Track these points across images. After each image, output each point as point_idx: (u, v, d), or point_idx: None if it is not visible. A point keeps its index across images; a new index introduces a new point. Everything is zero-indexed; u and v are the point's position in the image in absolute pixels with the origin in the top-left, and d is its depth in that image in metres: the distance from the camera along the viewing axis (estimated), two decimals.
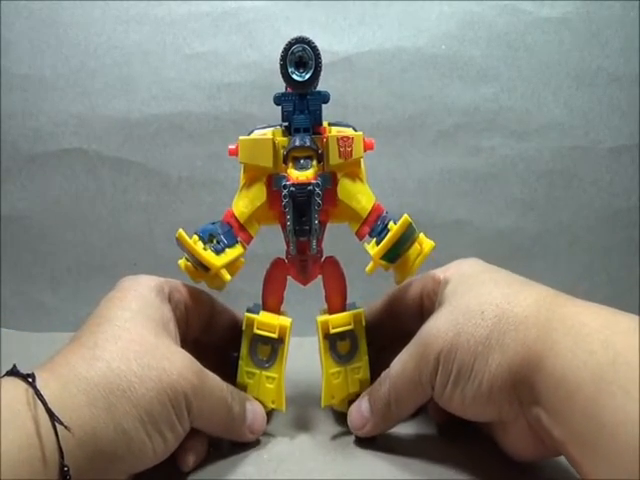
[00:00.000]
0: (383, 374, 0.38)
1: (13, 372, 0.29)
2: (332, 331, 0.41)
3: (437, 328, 0.35)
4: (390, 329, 0.43)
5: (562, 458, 0.32)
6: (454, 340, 0.33)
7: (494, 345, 0.32)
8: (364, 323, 0.42)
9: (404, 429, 0.42)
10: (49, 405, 0.27)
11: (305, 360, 0.44)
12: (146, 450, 0.31)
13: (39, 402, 0.27)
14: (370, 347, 0.42)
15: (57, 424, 0.27)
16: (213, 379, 0.36)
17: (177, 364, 0.33)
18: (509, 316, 0.32)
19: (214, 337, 0.43)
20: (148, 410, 0.31)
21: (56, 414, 0.27)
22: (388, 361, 0.38)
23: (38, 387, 0.28)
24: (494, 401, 0.33)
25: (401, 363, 0.37)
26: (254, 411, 0.39)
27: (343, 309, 0.42)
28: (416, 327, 0.37)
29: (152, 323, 0.35)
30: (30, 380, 0.28)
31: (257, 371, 0.41)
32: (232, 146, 0.39)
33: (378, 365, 0.40)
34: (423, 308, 0.40)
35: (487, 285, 0.35)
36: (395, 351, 0.38)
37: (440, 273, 0.39)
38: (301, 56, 0.37)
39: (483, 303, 0.34)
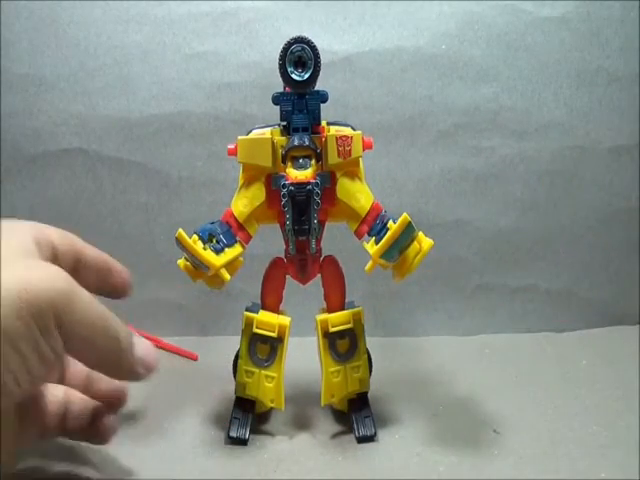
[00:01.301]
0: None
1: None
2: (331, 330, 0.41)
3: None
4: None
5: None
6: None
7: None
8: (363, 322, 0.42)
9: (403, 430, 0.42)
10: None
11: (304, 359, 0.44)
12: (6, 376, 0.28)
13: None
14: None
15: None
16: (90, 295, 0.31)
17: (42, 274, 0.30)
18: None
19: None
20: (5, 327, 0.27)
21: None
22: None
23: None
24: None
25: None
26: (143, 344, 0.34)
27: (342, 308, 0.42)
28: None
29: (22, 250, 0.31)
30: None
31: (256, 370, 0.41)
32: (231, 146, 0.39)
33: None
34: None
35: None
36: None
37: None
38: (300, 56, 0.37)
39: None
